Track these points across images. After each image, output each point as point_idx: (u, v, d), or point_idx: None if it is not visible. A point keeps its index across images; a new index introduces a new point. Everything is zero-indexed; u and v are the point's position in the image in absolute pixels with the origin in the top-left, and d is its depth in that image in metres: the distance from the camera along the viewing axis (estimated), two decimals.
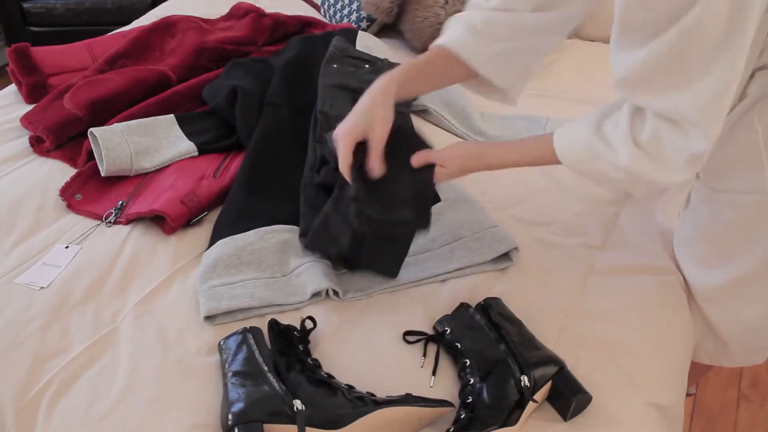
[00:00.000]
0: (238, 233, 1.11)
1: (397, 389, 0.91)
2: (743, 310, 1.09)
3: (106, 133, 1.28)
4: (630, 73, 0.77)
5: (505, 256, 1.13)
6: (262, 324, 1.01)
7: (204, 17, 1.86)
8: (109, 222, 1.20)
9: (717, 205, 1.02)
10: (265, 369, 0.86)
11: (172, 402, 0.89)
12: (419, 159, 0.99)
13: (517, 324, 0.97)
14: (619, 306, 1.06)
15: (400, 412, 0.83)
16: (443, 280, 1.10)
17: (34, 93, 1.54)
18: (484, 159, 1.00)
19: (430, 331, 1.00)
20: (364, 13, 1.93)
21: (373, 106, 0.97)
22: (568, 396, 0.87)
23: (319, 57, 1.53)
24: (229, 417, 0.80)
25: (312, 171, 1.24)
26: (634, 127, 0.82)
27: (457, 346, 0.94)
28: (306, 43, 1.63)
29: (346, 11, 1.98)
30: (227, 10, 1.93)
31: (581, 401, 0.88)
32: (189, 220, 1.19)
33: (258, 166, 1.27)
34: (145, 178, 1.29)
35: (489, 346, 0.92)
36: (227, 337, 0.94)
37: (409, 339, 0.99)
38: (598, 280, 1.11)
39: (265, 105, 1.42)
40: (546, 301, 1.06)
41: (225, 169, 1.31)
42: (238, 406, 0.81)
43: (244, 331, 0.93)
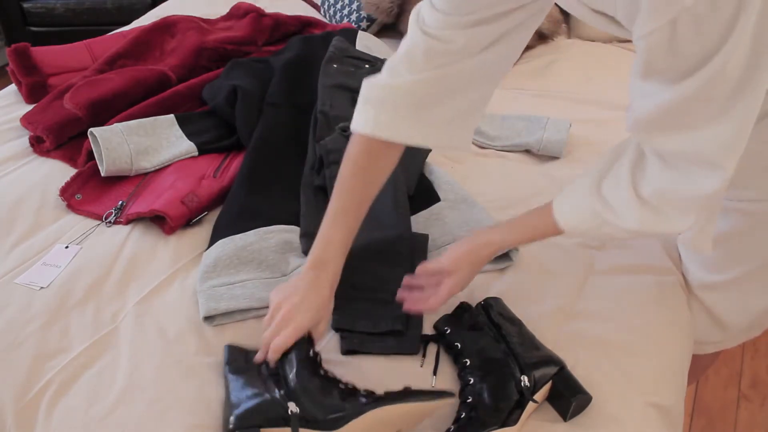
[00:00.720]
0: (238, 233, 1.11)
1: (397, 389, 0.91)
2: (748, 300, 1.10)
3: (106, 133, 1.28)
4: (652, 114, 0.74)
5: (505, 256, 1.13)
6: (261, 325, 1.01)
7: (204, 17, 1.86)
8: (109, 222, 1.20)
9: (728, 212, 1.02)
10: (265, 373, 0.87)
11: (172, 402, 0.89)
12: (423, 270, 0.93)
13: (517, 324, 0.97)
14: (619, 306, 1.06)
15: (400, 409, 0.82)
16: None
17: (34, 93, 1.54)
18: (488, 252, 0.95)
19: (430, 331, 1.00)
20: (364, 13, 1.93)
21: (324, 306, 0.91)
22: (568, 396, 0.87)
23: (319, 57, 1.53)
24: (231, 421, 0.81)
25: (312, 171, 1.24)
26: (636, 183, 0.79)
27: (457, 346, 0.94)
28: (306, 43, 1.63)
29: (346, 11, 1.98)
30: (227, 10, 1.93)
31: (581, 401, 0.88)
32: (189, 220, 1.19)
33: (258, 166, 1.27)
34: (145, 178, 1.29)
35: (489, 346, 0.92)
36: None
37: None
38: (598, 280, 1.11)
39: (265, 105, 1.42)
40: (546, 301, 1.06)
41: (225, 169, 1.31)
42: (239, 410, 0.82)
43: None
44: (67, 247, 1.15)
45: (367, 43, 1.68)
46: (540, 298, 1.07)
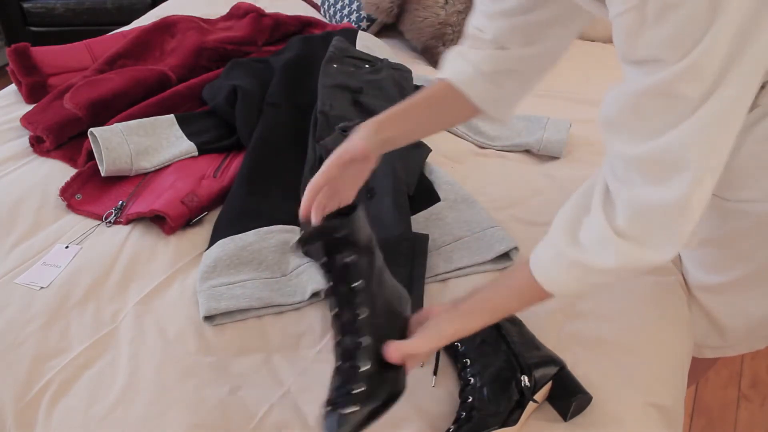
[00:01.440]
0: (238, 233, 1.11)
1: None
2: (748, 305, 1.09)
3: (106, 133, 1.28)
4: (620, 104, 0.72)
5: (505, 256, 1.13)
6: (261, 325, 1.02)
7: (204, 17, 1.86)
8: (109, 222, 1.20)
9: (727, 213, 1.01)
10: None
11: (172, 402, 0.89)
12: (392, 355, 0.82)
13: (518, 324, 0.97)
14: (619, 306, 1.06)
15: None
16: (443, 280, 1.10)
17: (34, 93, 1.54)
18: (457, 336, 0.84)
19: None
20: (364, 13, 1.93)
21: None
22: (569, 396, 0.87)
23: (319, 57, 1.53)
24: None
25: (312, 172, 1.24)
26: (609, 217, 0.75)
27: (457, 346, 0.94)
28: (306, 43, 1.63)
29: (346, 11, 1.98)
30: (227, 10, 1.93)
31: (581, 401, 0.88)
32: (189, 220, 1.19)
33: (258, 166, 1.27)
34: (145, 178, 1.29)
35: (489, 346, 0.92)
36: None
37: None
38: None
39: (265, 105, 1.42)
40: (546, 300, 1.06)
41: (225, 169, 1.31)
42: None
43: None
44: (67, 247, 1.15)
45: (367, 43, 1.68)
46: None
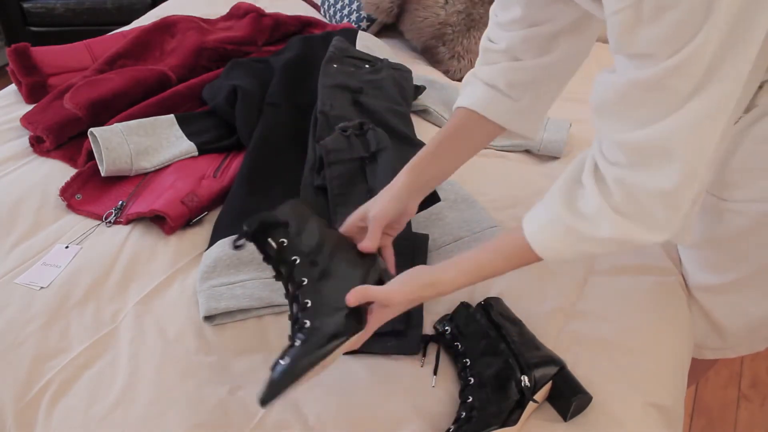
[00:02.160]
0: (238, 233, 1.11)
1: (398, 389, 0.91)
2: (747, 306, 1.09)
3: (106, 133, 1.28)
4: (610, 94, 0.72)
5: None
6: (261, 325, 1.02)
7: (204, 17, 1.86)
8: (109, 222, 1.20)
9: (726, 213, 1.02)
10: None
11: (172, 402, 0.89)
12: (356, 297, 0.83)
13: (518, 324, 0.97)
14: (619, 306, 1.06)
15: None
16: None
17: (34, 93, 1.54)
18: (437, 288, 0.85)
19: (431, 331, 1.00)
20: (364, 13, 1.93)
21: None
22: (568, 396, 0.87)
23: (319, 57, 1.53)
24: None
25: (312, 172, 1.24)
26: (603, 192, 0.75)
27: (457, 345, 0.94)
28: (306, 43, 1.63)
29: (346, 11, 1.98)
30: (227, 10, 1.93)
31: (581, 401, 0.88)
32: (189, 220, 1.19)
33: (258, 165, 1.27)
34: (145, 178, 1.29)
35: (489, 346, 0.92)
36: None
37: None
38: (598, 280, 1.11)
39: (265, 105, 1.42)
40: (546, 301, 1.06)
41: (225, 169, 1.31)
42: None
43: None
44: (67, 247, 1.15)
45: (367, 43, 1.68)
46: (540, 298, 1.07)
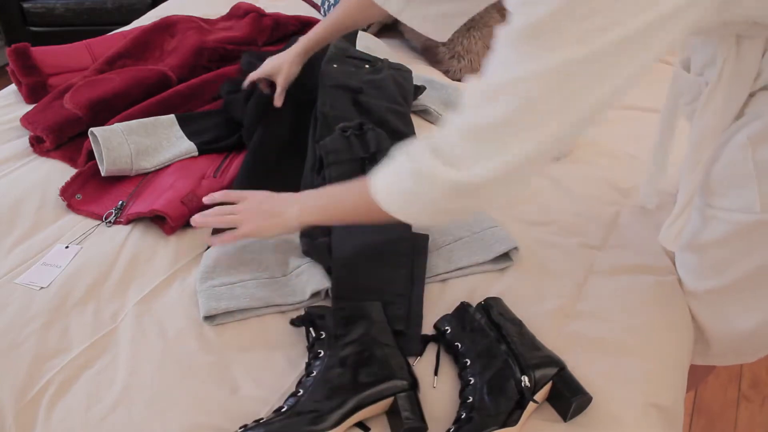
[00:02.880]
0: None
1: None
2: (731, 317, 1.08)
3: (107, 132, 1.28)
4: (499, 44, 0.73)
5: (505, 256, 1.13)
6: (262, 324, 1.02)
7: (204, 17, 1.86)
8: (109, 222, 1.20)
9: (711, 220, 1.02)
10: None
11: (172, 402, 0.89)
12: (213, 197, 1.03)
13: (518, 324, 0.97)
14: (619, 306, 1.06)
15: None
16: (443, 280, 1.10)
17: (34, 93, 1.54)
18: (281, 219, 0.98)
19: (431, 330, 1.00)
20: None
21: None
22: (569, 396, 0.87)
23: (320, 57, 1.53)
24: None
25: (312, 172, 1.24)
26: (432, 137, 0.78)
27: (457, 346, 0.94)
28: None
29: None
30: (227, 10, 1.93)
31: (581, 402, 0.88)
32: (189, 220, 1.19)
33: (259, 165, 1.27)
34: (145, 178, 1.29)
35: (489, 346, 0.92)
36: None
37: None
38: (598, 280, 1.11)
39: (269, 104, 1.42)
40: (546, 301, 1.06)
41: (225, 169, 1.31)
42: None
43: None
44: (67, 247, 1.15)
45: (367, 43, 1.67)
46: (540, 298, 1.07)
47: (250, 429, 0.81)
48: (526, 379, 0.87)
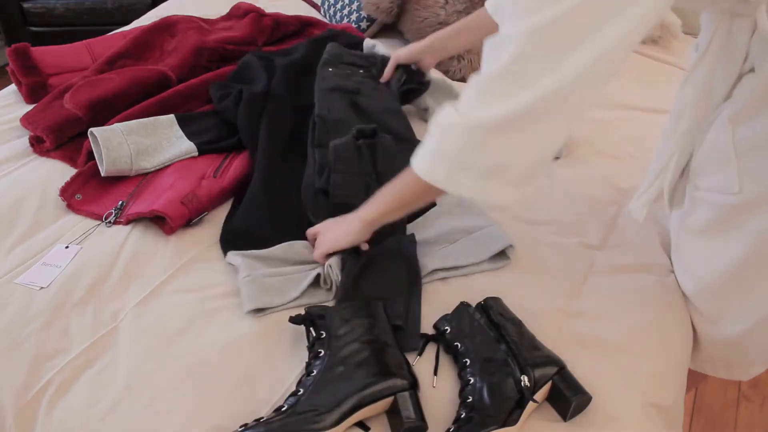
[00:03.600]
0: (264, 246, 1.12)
1: None
2: (721, 322, 1.08)
3: (106, 132, 1.28)
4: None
5: (502, 254, 1.13)
6: (262, 323, 1.02)
7: (204, 17, 1.86)
8: (109, 222, 1.20)
9: (697, 203, 1.02)
10: None
11: (172, 402, 0.89)
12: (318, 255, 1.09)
13: (518, 324, 0.97)
14: (619, 306, 1.06)
15: None
16: (443, 278, 1.10)
17: (34, 93, 1.54)
18: (347, 224, 1.06)
19: (431, 330, 1.00)
20: (364, 13, 1.93)
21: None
22: (568, 396, 0.87)
23: (316, 62, 1.54)
24: None
25: (312, 175, 1.24)
26: (455, 105, 0.86)
27: (457, 345, 0.94)
28: (312, 45, 1.63)
29: (346, 11, 1.98)
30: (227, 10, 1.93)
31: (581, 401, 0.88)
32: (189, 221, 1.19)
33: (275, 171, 1.27)
34: (145, 178, 1.29)
35: (489, 346, 0.92)
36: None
37: None
38: (598, 280, 1.11)
39: (267, 106, 1.42)
40: (546, 300, 1.06)
41: (225, 170, 1.31)
42: None
43: None
44: (67, 247, 1.15)
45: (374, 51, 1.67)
46: (540, 298, 1.07)
47: (250, 428, 0.81)
48: (525, 379, 0.87)
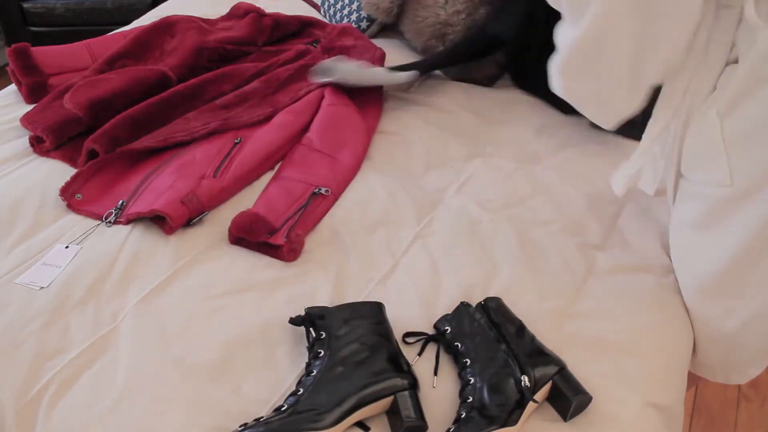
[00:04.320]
0: None
1: None
2: (715, 321, 1.07)
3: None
4: None
5: None
6: (263, 323, 1.01)
7: (204, 17, 1.86)
8: (109, 222, 1.20)
9: (688, 197, 1.03)
10: None
11: (172, 402, 0.89)
12: None
13: (518, 324, 0.97)
14: (619, 306, 1.06)
15: None
16: (442, 276, 1.10)
17: (34, 93, 1.54)
18: None
19: (431, 330, 1.00)
20: (364, 13, 1.93)
21: None
22: (569, 396, 0.87)
23: None
24: None
25: None
26: None
27: (457, 345, 0.94)
28: None
29: (346, 11, 1.98)
30: (227, 10, 1.93)
31: (581, 401, 0.88)
32: (189, 220, 1.19)
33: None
34: (145, 178, 1.29)
35: (489, 346, 0.92)
36: None
37: (408, 340, 0.99)
38: (599, 280, 1.11)
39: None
40: (546, 300, 1.06)
41: (225, 170, 1.31)
42: None
43: None
44: (67, 247, 1.15)
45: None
46: (540, 298, 1.07)
47: (250, 428, 0.81)
48: (525, 379, 0.87)
